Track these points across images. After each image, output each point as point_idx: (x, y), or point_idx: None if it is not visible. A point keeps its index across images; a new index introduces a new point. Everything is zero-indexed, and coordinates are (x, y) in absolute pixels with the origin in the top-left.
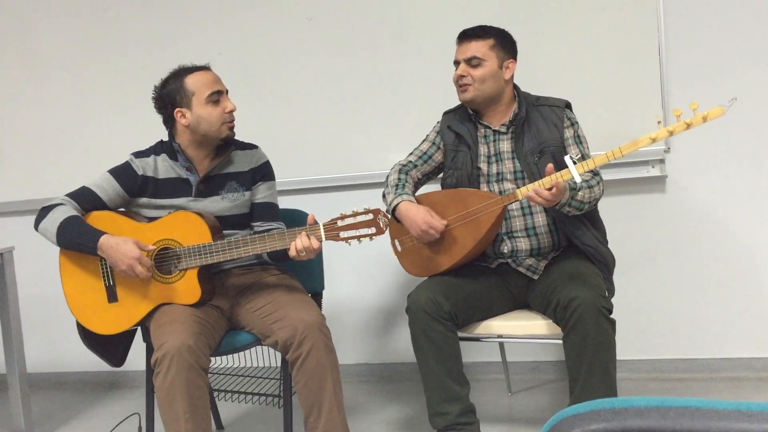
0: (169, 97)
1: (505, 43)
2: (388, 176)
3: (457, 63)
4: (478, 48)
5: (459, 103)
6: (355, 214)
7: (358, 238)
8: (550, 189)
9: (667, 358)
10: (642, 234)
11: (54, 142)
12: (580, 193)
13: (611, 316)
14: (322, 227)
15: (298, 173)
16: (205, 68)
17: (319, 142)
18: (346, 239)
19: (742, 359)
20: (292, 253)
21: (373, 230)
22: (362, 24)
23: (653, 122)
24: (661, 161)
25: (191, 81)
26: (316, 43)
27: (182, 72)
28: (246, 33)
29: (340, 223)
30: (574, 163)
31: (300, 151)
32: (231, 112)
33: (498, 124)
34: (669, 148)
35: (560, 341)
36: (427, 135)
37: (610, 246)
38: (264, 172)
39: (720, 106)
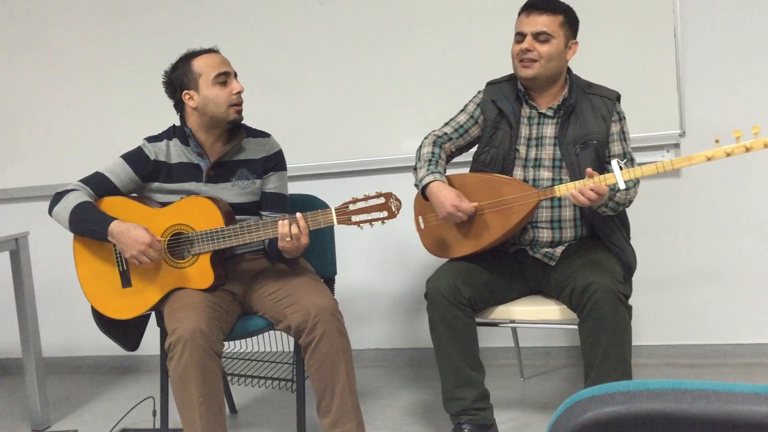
0: (177, 80)
1: (572, 22)
2: (420, 147)
3: (520, 35)
4: (549, 23)
5: (486, 82)
6: (366, 198)
7: (370, 221)
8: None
9: (680, 344)
10: (656, 219)
11: (68, 129)
12: (618, 194)
13: (628, 302)
14: (333, 211)
15: (311, 159)
16: (213, 51)
17: (332, 127)
18: (357, 223)
19: (755, 345)
20: (280, 240)
21: (384, 214)
22: (375, 8)
23: (670, 112)
24: (676, 146)
25: (198, 63)
26: (329, 28)
27: (190, 55)
28: (258, 18)
29: (351, 207)
30: (621, 168)
31: (313, 136)
32: (239, 93)
33: (545, 106)
34: (684, 133)
35: (573, 326)
36: (466, 105)
37: None
38: (276, 162)
39: None
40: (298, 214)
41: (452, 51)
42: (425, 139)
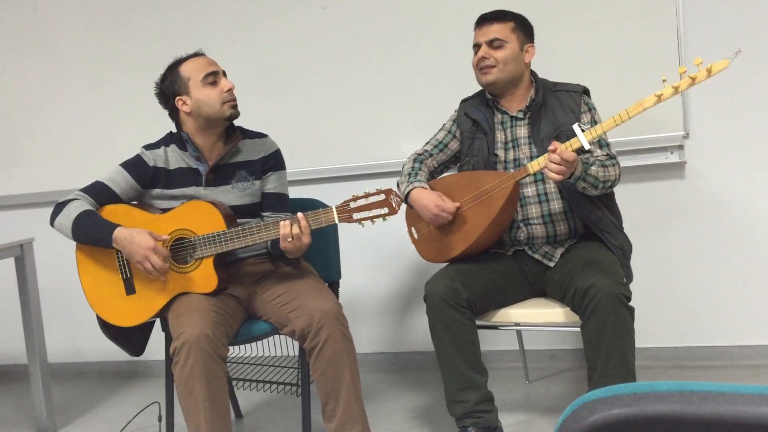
0: (168, 88)
1: (524, 27)
2: (403, 166)
3: (477, 46)
4: (500, 30)
5: (476, 91)
6: (367, 195)
7: (372, 219)
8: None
9: (685, 346)
10: (661, 221)
11: (72, 135)
12: (593, 167)
13: (630, 303)
14: (335, 210)
15: (313, 163)
16: (198, 54)
17: (334, 131)
18: (359, 220)
19: (761, 346)
20: (281, 240)
21: (385, 210)
22: (376, 13)
23: (674, 114)
24: (680, 147)
25: (185, 68)
26: (330, 32)
27: (176, 63)
28: (260, 22)
29: (352, 205)
30: (582, 131)
31: (315, 140)
32: (230, 90)
33: (515, 110)
34: (688, 134)
35: (577, 329)
36: (444, 124)
37: (628, 232)
38: (275, 161)
39: (725, 58)
40: (299, 214)
41: (454, 55)
42: (407, 158)
